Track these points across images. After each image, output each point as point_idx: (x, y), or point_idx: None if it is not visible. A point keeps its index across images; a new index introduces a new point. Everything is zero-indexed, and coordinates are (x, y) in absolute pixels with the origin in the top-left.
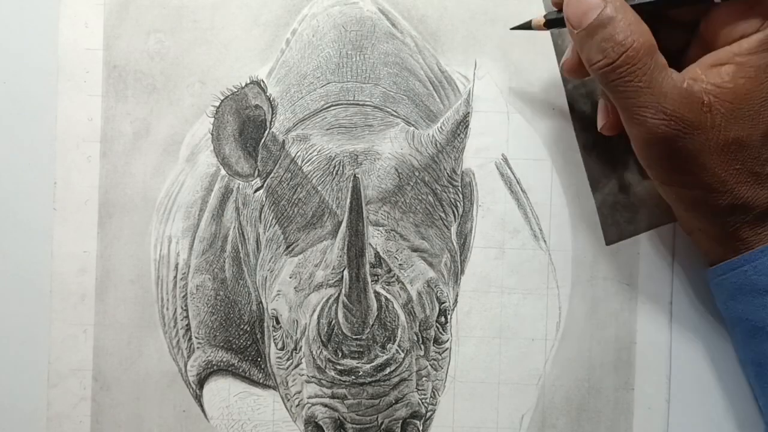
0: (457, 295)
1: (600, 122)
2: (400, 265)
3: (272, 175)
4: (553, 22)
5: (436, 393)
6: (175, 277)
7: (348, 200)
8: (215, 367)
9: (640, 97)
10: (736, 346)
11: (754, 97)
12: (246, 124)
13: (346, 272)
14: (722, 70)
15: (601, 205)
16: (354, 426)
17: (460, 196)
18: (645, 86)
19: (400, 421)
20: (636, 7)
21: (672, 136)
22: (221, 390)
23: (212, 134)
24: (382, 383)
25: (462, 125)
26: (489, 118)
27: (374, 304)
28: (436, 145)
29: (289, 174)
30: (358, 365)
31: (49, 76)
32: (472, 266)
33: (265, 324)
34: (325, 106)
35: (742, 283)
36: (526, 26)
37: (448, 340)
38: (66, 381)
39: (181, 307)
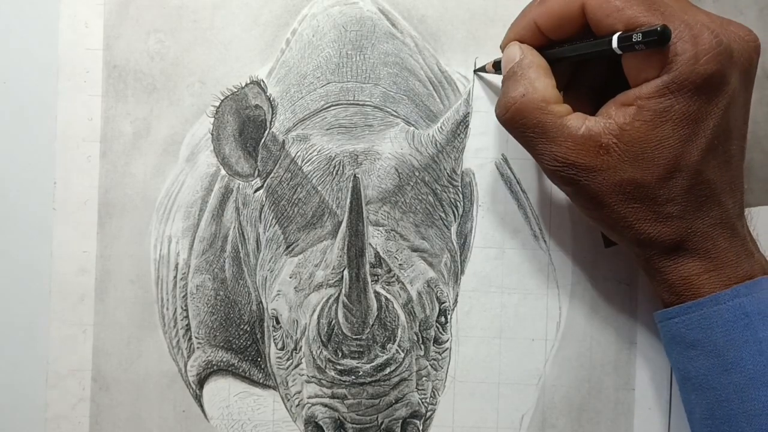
0: (457, 295)
1: None
2: (400, 265)
3: (272, 175)
4: (500, 66)
5: (436, 393)
6: (175, 277)
7: (348, 200)
8: (215, 367)
9: (536, 146)
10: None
11: (649, 140)
12: (246, 124)
13: (346, 272)
14: (627, 111)
15: None
16: (354, 426)
17: (460, 196)
18: (536, 137)
19: (400, 420)
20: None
21: (568, 179)
22: (221, 390)
23: (212, 134)
24: (382, 383)
25: (462, 125)
26: (489, 118)
27: (374, 304)
28: (436, 145)
29: (289, 174)
30: (358, 365)
31: (49, 76)
32: (472, 266)
33: (265, 324)
34: (325, 106)
35: (675, 333)
36: (483, 69)
37: (448, 340)
38: (65, 381)
39: (181, 307)
